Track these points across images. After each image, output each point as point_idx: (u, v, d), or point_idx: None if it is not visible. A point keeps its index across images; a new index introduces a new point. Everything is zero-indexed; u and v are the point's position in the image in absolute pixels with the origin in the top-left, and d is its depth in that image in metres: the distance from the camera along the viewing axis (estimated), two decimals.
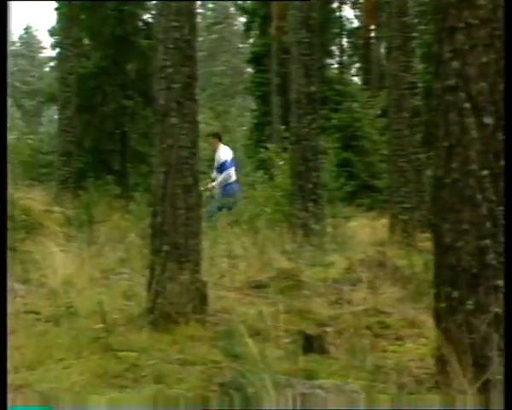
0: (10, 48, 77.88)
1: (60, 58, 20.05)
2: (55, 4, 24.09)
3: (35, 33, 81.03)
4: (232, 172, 13.19)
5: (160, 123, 6.04)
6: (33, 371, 4.83)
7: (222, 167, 13.18)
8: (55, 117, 29.52)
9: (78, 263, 8.27)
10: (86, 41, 20.72)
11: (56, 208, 13.33)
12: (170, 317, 5.61)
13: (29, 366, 4.94)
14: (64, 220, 12.13)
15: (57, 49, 30.97)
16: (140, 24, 18.90)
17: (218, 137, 13.75)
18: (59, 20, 23.53)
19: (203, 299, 5.87)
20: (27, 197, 13.40)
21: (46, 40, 74.43)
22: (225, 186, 13.26)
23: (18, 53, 79.24)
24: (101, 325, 5.47)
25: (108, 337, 5.26)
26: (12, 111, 45.36)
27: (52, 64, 65.51)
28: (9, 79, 64.97)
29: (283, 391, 3.77)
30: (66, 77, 17.87)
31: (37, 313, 6.72)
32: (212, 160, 13.36)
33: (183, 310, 5.64)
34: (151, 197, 7.29)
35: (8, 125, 33.50)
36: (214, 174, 13.20)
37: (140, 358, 4.88)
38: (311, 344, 5.05)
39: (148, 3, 18.80)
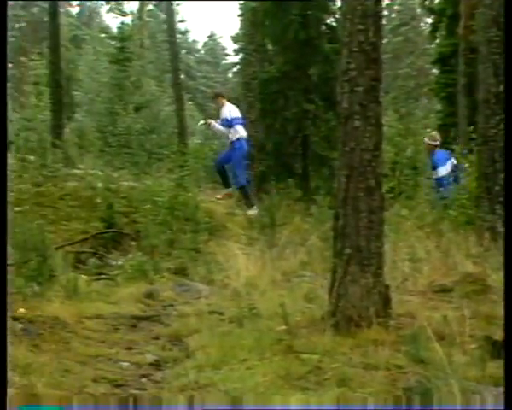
0: (195, 55, 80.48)
1: (243, 63, 20.51)
2: (239, 11, 24.65)
3: (219, 40, 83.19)
4: (240, 129, 14.19)
5: (342, 126, 6.04)
6: (218, 370, 4.97)
7: (226, 123, 14.18)
8: None
9: (260, 265, 8.43)
10: (269, 46, 21.09)
11: (239, 211, 13.62)
12: (352, 320, 5.61)
13: (214, 365, 5.09)
14: (246, 223, 12.38)
15: (240, 55, 31.62)
16: (323, 28, 18.99)
17: (222, 95, 14.70)
18: (242, 27, 24.05)
19: (386, 303, 5.82)
20: (210, 200, 13.78)
21: (230, 46, 75.93)
22: (235, 141, 14.18)
23: (202, 59, 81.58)
24: (283, 327, 5.55)
25: (291, 339, 5.32)
26: (196, 116, 46.75)
27: (235, 70, 66.99)
28: (194, 85, 67.03)
29: (471, 397, 3.69)
30: (249, 82, 18.28)
31: (220, 313, 6.91)
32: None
33: (366, 313, 5.62)
34: (333, 200, 7.33)
35: (194, 130, 34.42)
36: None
37: (322, 361, 4.90)
38: (498, 350, 4.91)
39: (333, 7, 18.84)
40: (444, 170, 13.94)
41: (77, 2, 74.77)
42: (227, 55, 77.82)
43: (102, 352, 5.87)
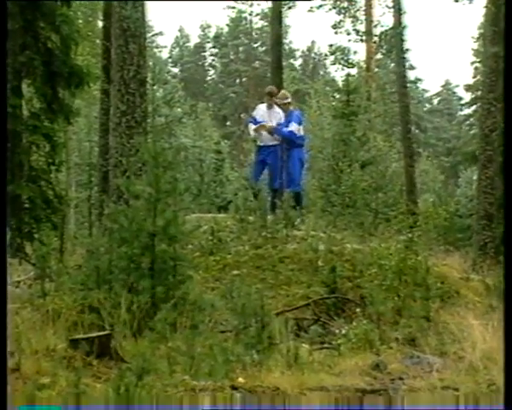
0: (426, 105, 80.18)
1: (481, 114, 20.00)
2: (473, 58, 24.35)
3: (455, 90, 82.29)
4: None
5: None
6: None
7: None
8: (474, 178, 29.57)
9: (499, 337, 8.19)
10: None
11: (474, 276, 13.30)
12: None
13: None
14: (483, 290, 12.07)
15: (477, 105, 31.14)
16: None
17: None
18: (479, 74, 23.70)
19: None
20: (443, 264, 13.54)
21: (467, 97, 74.39)
22: (283, 146, 16.08)
23: (435, 110, 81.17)
24: None
25: None
26: (429, 171, 46.38)
27: (469, 121, 66.00)
28: (425, 138, 66.75)
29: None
30: (487, 134, 17.72)
31: (455, 389, 6.77)
32: None
33: None
34: None
35: (425, 187, 34.00)
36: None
37: None
38: None
39: None
40: (296, 126, 16.07)
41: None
42: (463, 105, 76.81)
43: None
